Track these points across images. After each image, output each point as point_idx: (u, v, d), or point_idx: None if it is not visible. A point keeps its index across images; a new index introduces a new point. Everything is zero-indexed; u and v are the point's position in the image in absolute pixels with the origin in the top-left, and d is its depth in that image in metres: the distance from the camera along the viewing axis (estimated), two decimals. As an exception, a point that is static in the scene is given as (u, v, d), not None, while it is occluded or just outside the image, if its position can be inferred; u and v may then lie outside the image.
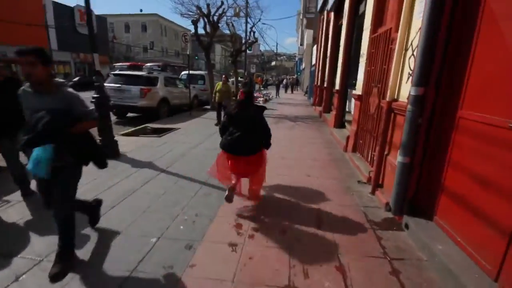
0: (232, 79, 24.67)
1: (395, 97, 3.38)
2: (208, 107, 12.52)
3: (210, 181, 4.07)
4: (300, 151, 5.92)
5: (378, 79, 4.23)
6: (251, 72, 26.41)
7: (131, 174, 4.39)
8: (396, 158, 2.94)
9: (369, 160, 4.48)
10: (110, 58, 33.57)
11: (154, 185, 4.01)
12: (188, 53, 10.66)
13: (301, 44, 36.66)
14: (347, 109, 7.61)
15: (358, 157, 4.98)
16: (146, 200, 3.49)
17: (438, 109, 2.70)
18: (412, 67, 2.90)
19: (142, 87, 9.34)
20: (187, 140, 6.78)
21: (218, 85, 8.88)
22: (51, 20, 27.48)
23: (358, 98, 5.10)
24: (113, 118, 10.14)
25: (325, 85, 10.23)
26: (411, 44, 3.01)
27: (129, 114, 10.46)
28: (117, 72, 10.26)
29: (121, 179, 4.14)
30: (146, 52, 43.86)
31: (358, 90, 5.24)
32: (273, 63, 62.27)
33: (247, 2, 17.80)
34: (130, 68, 10.72)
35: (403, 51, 3.21)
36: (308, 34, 27.02)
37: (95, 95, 5.13)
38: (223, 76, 9.02)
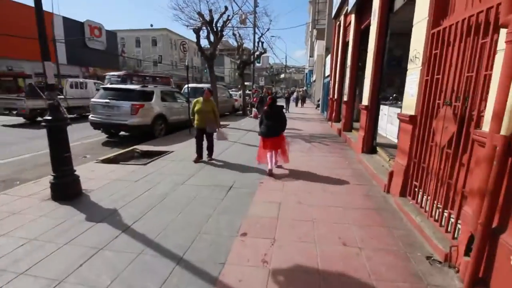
0: (237, 92, 23.44)
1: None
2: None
3: (193, 253, 2.54)
4: (324, 190, 4.31)
5: (456, 94, 2.67)
6: (260, 84, 25.15)
7: (76, 236, 2.90)
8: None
9: (437, 217, 2.86)
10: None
11: (104, 260, 2.50)
12: (186, 63, 9.34)
13: (311, 56, 35.45)
14: (385, 134, 5.99)
15: (414, 208, 3.35)
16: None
17: None
18: None
19: (134, 102, 8.02)
20: (176, 170, 5.31)
21: (197, 102, 5.82)
22: (61, 35, 27.14)
23: (411, 120, 3.51)
24: (101, 137, 8.97)
25: (344, 99, 8.67)
26: None
27: (122, 132, 9.14)
28: (107, 86, 9.02)
29: (56, 247, 2.65)
30: (156, 66, 43.60)
31: (409, 108, 3.66)
32: (282, 75, 61.28)
33: (255, 12, 16.69)
34: (125, 76, 9.52)
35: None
36: (319, 44, 25.73)
37: (47, 117, 3.75)
38: (206, 90, 5.98)
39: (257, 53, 15.66)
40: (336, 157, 6.39)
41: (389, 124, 5.42)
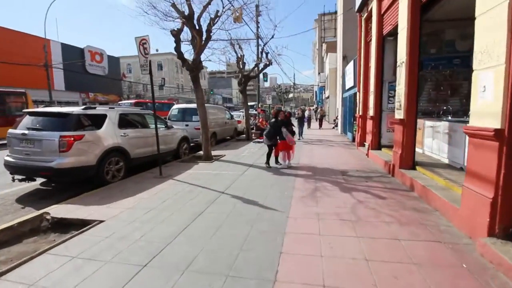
0: (237, 113, 20.17)
1: None
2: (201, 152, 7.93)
3: None
4: None
5: None
6: (267, 103, 22.21)
7: None
8: None
9: None
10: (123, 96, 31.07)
11: None
12: (145, 68, 6.11)
13: (321, 72, 32.62)
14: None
15: None
16: None
17: None
18: None
19: (65, 133, 4.99)
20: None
21: None
22: (59, 61, 25.43)
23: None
24: (26, 185, 5.38)
25: (398, 116, 5.35)
26: None
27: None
28: (32, 110, 6.10)
29: None
30: (162, 90, 41.83)
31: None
32: (291, 95, 58.65)
33: (257, 21, 13.99)
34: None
35: None
36: (330, 58, 22.87)
37: None
38: None
39: (261, 65, 12.74)
40: (420, 238, 2.99)
41: None
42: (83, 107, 5.80)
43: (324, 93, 29.49)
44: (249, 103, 17.71)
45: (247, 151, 9.35)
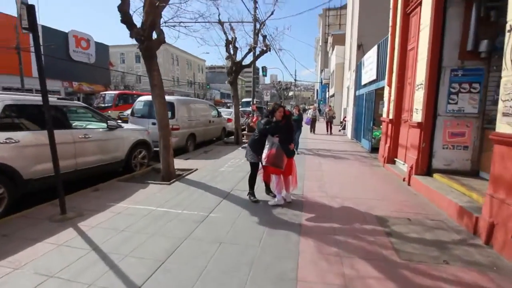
0: (224, 109, 17.28)
1: None
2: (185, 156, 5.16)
3: None
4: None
5: None
6: (265, 100, 19.47)
7: None
8: None
9: None
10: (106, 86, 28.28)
11: None
12: (21, 25, 3.39)
13: (325, 68, 29.84)
14: None
15: None
16: None
17: None
18: None
19: None
20: None
21: None
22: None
23: None
24: None
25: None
26: None
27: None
28: None
29: None
30: (156, 82, 38.94)
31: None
32: (291, 93, 55.68)
33: None
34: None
35: None
36: (337, 51, 20.10)
37: None
38: None
39: (258, 50, 10.01)
40: None
41: None
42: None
43: (328, 91, 26.74)
44: (244, 100, 14.94)
45: (231, 163, 6.67)
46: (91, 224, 3.19)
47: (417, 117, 4.72)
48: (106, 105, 19.26)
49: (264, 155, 3.73)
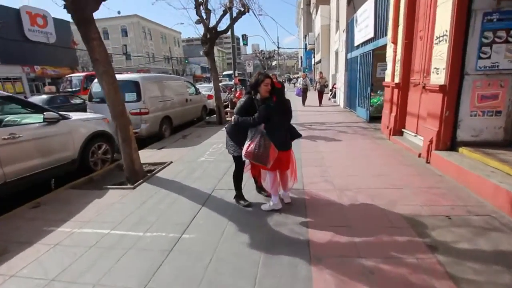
0: (205, 84, 15.75)
1: None
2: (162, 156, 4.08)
3: None
4: None
5: None
6: (248, 71, 17.98)
7: None
8: None
9: None
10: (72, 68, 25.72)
11: None
12: None
13: (309, 33, 27.98)
14: None
15: None
16: None
17: None
18: None
19: None
20: None
21: None
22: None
23: None
24: None
25: None
26: None
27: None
28: None
29: None
30: (130, 60, 35.99)
31: None
32: (274, 62, 53.33)
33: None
34: None
35: None
36: (322, 12, 18.43)
37: None
38: None
39: (235, 12, 8.52)
40: None
41: None
42: None
43: (314, 57, 25.23)
44: (226, 73, 13.51)
45: (212, 149, 5.64)
46: (9, 272, 2.18)
47: (438, 78, 3.75)
48: (73, 89, 17.23)
49: (244, 147, 2.70)
